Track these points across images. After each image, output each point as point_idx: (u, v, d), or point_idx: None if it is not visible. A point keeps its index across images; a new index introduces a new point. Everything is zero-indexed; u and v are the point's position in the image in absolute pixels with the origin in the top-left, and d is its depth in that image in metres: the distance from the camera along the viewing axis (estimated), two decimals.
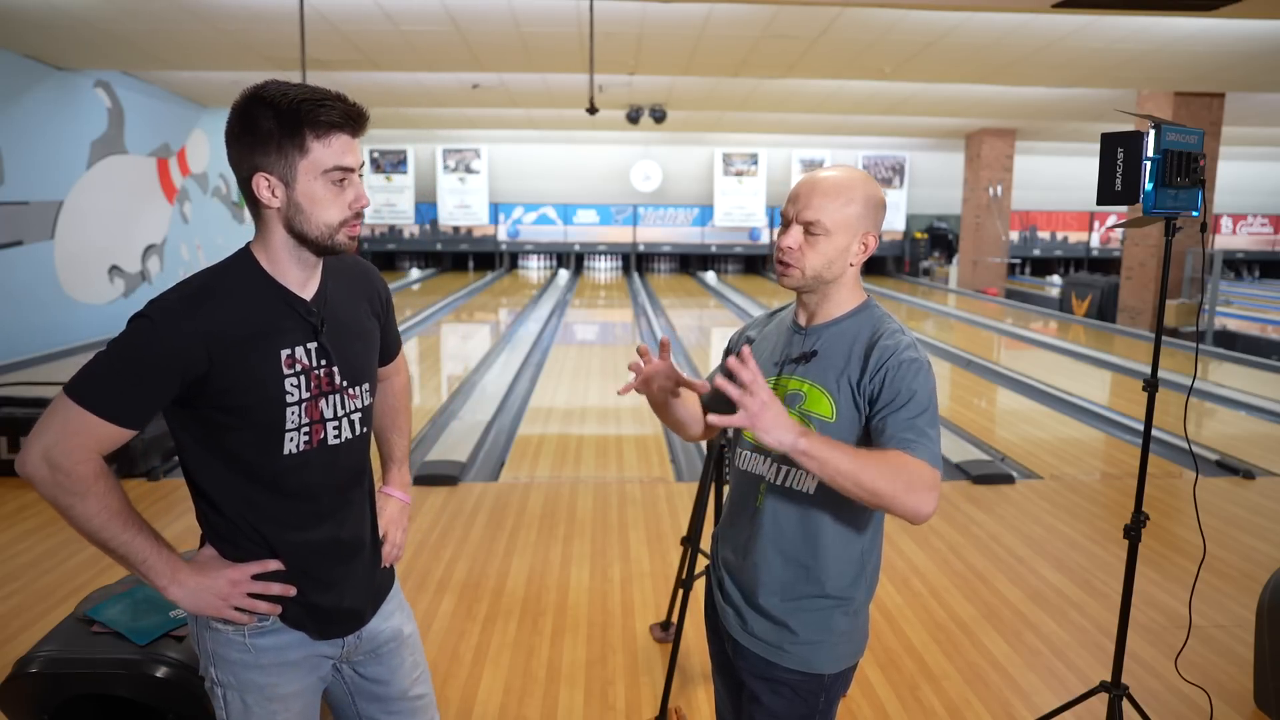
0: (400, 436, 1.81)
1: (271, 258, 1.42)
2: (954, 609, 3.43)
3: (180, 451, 1.45)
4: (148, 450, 4.90)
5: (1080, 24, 7.12)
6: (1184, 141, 2.14)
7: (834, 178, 1.56)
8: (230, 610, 1.43)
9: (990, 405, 7.50)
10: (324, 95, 1.35)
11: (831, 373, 1.55)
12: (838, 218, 1.53)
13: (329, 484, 1.49)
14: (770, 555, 1.58)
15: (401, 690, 1.64)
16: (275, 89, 1.34)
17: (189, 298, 1.35)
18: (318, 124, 1.33)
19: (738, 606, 1.64)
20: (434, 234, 18.87)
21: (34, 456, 1.31)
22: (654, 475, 5.09)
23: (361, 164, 1.42)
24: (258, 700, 1.49)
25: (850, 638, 1.59)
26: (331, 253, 1.43)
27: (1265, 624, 2.68)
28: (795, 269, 1.56)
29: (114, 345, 1.33)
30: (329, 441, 1.47)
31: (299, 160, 1.34)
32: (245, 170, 1.37)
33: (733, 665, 1.68)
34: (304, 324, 1.43)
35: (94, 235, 9.32)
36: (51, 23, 7.10)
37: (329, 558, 1.51)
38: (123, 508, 1.36)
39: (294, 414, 1.42)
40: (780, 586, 1.57)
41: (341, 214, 1.39)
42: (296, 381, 1.42)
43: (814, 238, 1.54)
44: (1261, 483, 5.05)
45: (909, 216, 19.13)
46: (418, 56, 8.64)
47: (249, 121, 1.34)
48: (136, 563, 1.39)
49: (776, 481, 1.58)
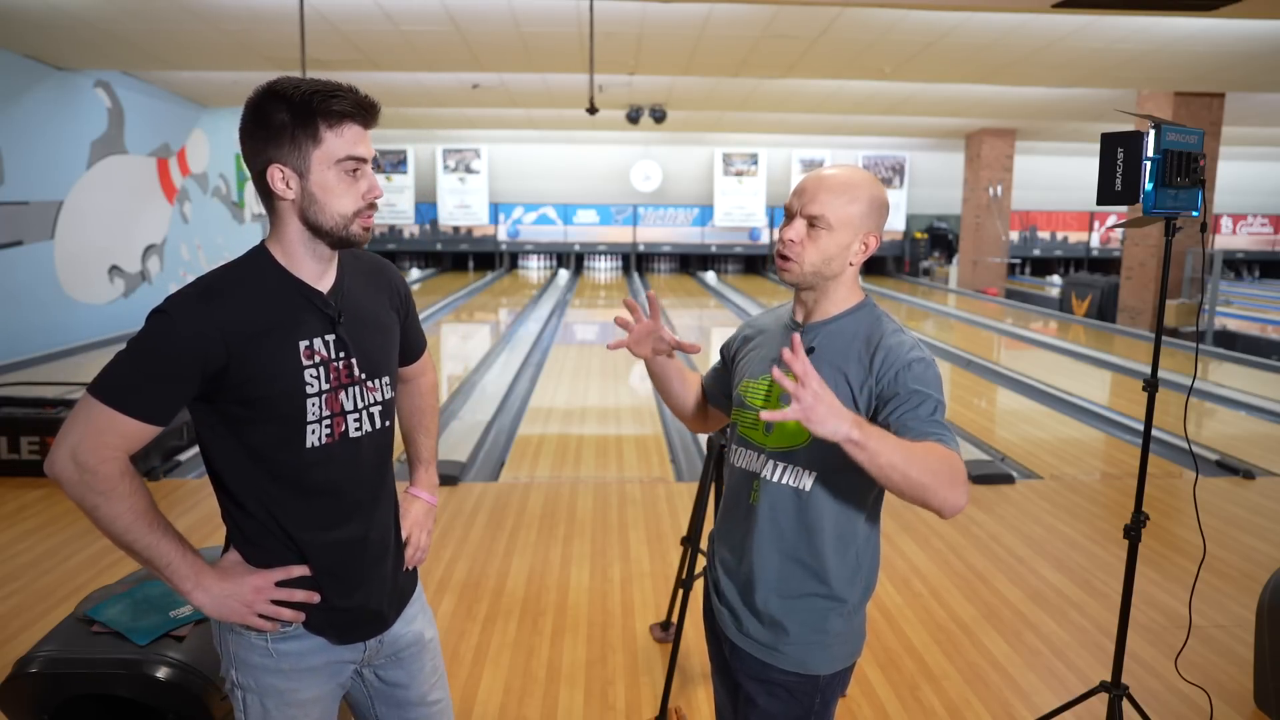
0: (427, 437, 1.80)
1: (287, 252, 1.43)
2: (954, 609, 3.43)
3: (205, 451, 1.45)
4: (148, 450, 4.89)
5: (1080, 24, 7.12)
6: (1184, 141, 2.14)
7: (841, 175, 1.57)
8: (254, 618, 1.42)
9: (990, 405, 7.50)
10: (336, 87, 1.36)
11: (828, 370, 1.53)
12: (842, 214, 1.54)
13: (353, 479, 1.49)
14: (767, 553, 1.57)
15: (420, 695, 1.64)
16: (288, 83, 1.36)
17: (205, 292, 1.36)
18: (330, 114, 1.35)
19: (733, 607, 1.63)
20: (434, 234, 18.87)
21: (62, 457, 1.31)
22: (654, 475, 5.09)
23: (374, 155, 1.43)
24: (277, 705, 1.49)
25: (846, 639, 1.59)
26: (346, 244, 1.43)
27: (1265, 624, 2.68)
28: (794, 263, 1.56)
29: (134, 343, 1.34)
30: (350, 434, 1.47)
31: (312, 150, 1.36)
32: (260, 164, 1.38)
33: (730, 667, 1.68)
34: (321, 316, 1.44)
35: (94, 235, 9.32)
36: (51, 23, 7.10)
37: (354, 558, 1.51)
38: (148, 509, 1.36)
39: (314, 406, 1.42)
40: (777, 584, 1.57)
41: (355, 204, 1.40)
42: (316, 373, 1.42)
43: (816, 231, 1.54)
44: (1261, 483, 5.05)
45: (909, 216, 19.14)
46: (418, 56, 8.64)
47: (262, 116, 1.36)
48: (161, 566, 1.38)
49: (772, 479, 1.58)
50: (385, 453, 1.56)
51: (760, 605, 1.58)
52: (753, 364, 1.67)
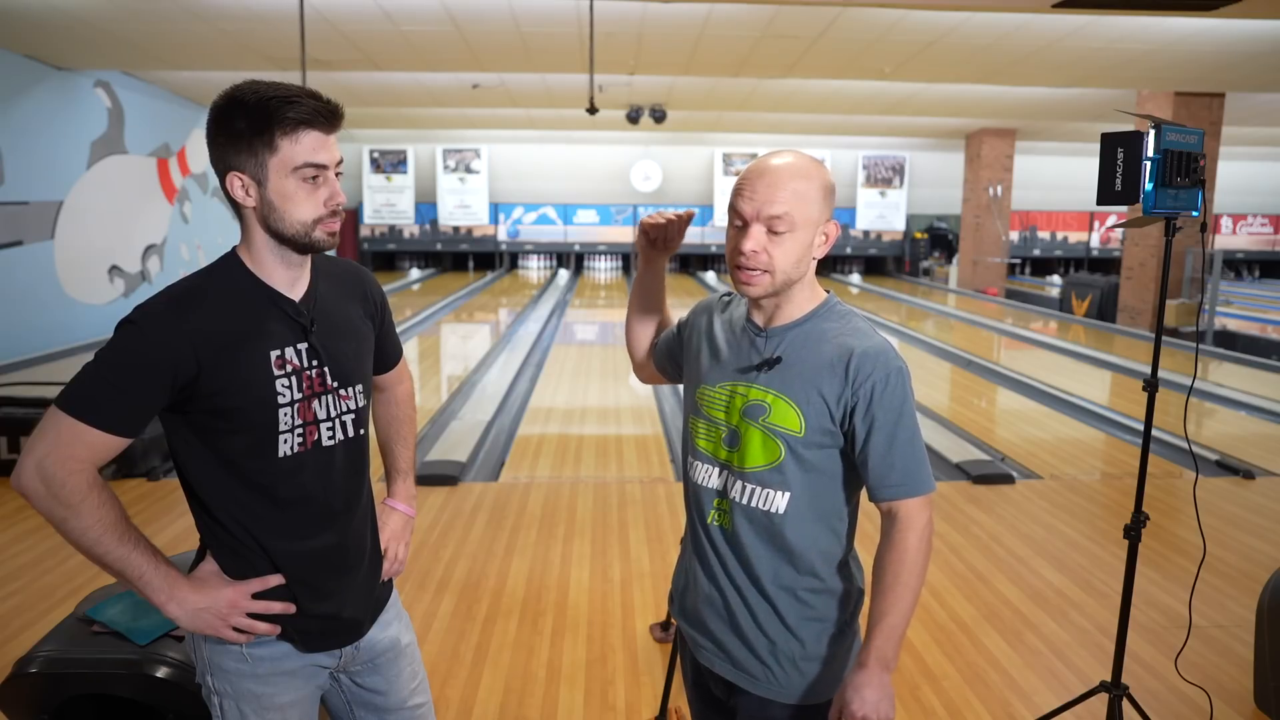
0: (404, 448, 1.78)
1: (256, 258, 1.42)
2: (954, 609, 3.43)
3: (177, 461, 1.44)
4: (147, 450, 4.90)
5: (1080, 24, 7.12)
6: (1184, 141, 2.14)
7: (790, 165, 1.40)
8: (229, 630, 1.41)
9: (990, 405, 7.50)
10: (293, 92, 1.34)
11: (799, 383, 1.42)
12: (803, 210, 1.38)
13: (327, 488, 1.48)
14: (746, 582, 1.48)
15: (400, 700, 1.63)
16: (248, 88, 1.34)
17: (175, 301, 1.35)
18: (285, 121, 1.32)
19: (720, 640, 1.52)
20: (434, 234, 18.86)
21: (28, 470, 1.29)
22: (654, 475, 5.09)
23: (339, 161, 1.39)
24: (254, 709, 1.48)
25: (844, 658, 1.50)
26: (312, 250, 1.41)
27: (1265, 624, 2.68)
28: (764, 275, 1.40)
29: (101, 353, 1.32)
30: (323, 443, 1.46)
31: (269, 159, 1.34)
32: (221, 170, 1.37)
33: (719, 700, 1.59)
34: (293, 324, 1.43)
35: (94, 235, 9.31)
36: (51, 23, 7.10)
37: (329, 567, 1.50)
38: (118, 520, 1.34)
39: (286, 415, 1.41)
40: (764, 614, 1.47)
41: (315, 211, 1.38)
42: (288, 383, 1.41)
43: (779, 236, 1.38)
44: (1261, 483, 5.05)
45: (909, 216, 19.14)
46: (418, 56, 8.64)
47: (223, 122, 1.34)
48: (134, 578, 1.36)
49: (742, 500, 1.46)
50: (360, 461, 1.55)
51: (757, 640, 1.48)
52: (711, 370, 1.54)
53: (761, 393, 1.44)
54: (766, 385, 1.44)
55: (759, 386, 1.45)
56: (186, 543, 3.54)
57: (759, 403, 1.44)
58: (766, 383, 1.45)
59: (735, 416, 1.47)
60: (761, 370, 1.45)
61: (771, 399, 1.43)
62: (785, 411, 1.42)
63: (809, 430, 1.42)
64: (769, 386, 1.44)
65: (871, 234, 19.27)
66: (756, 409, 1.44)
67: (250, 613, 1.42)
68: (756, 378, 1.46)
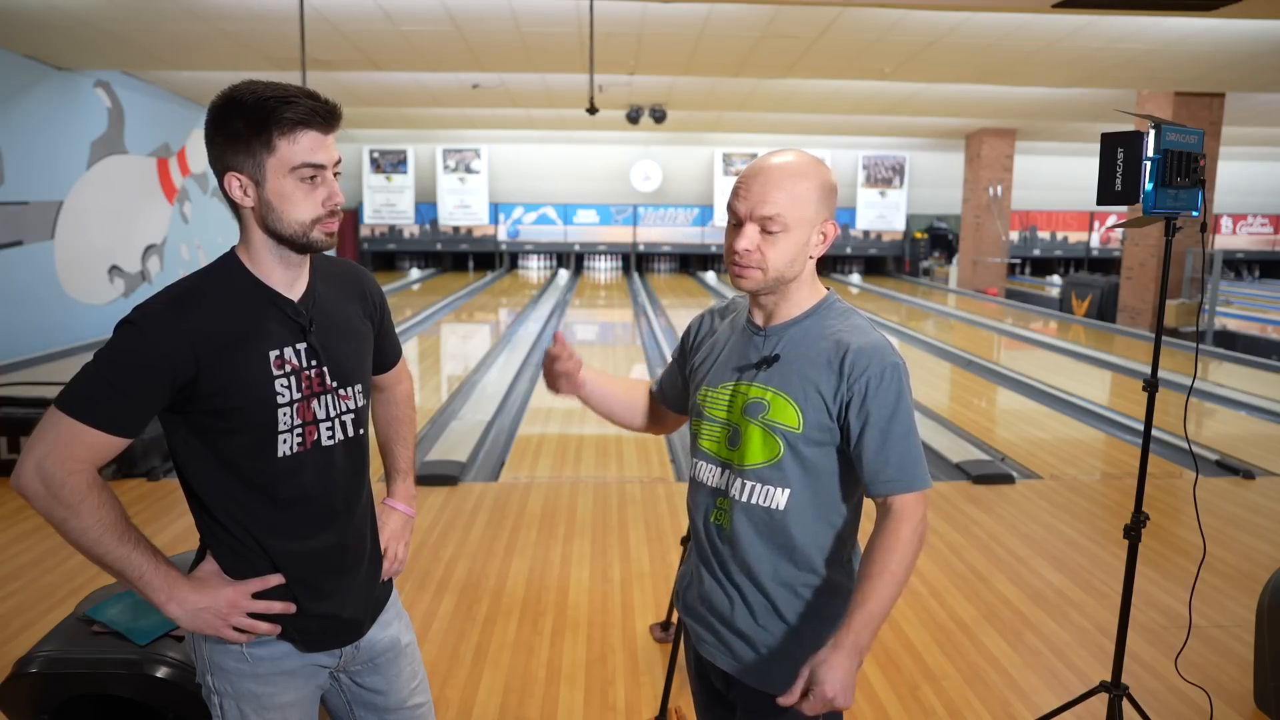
0: (404, 448, 1.78)
1: (255, 259, 1.42)
2: (954, 609, 3.43)
3: (177, 461, 1.44)
4: (147, 450, 4.90)
5: (1080, 24, 7.12)
6: (1184, 141, 2.14)
7: (787, 164, 1.41)
8: (229, 630, 1.41)
9: (990, 405, 7.50)
10: (291, 93, 1.34)
11: (797, 379, 1.43)
12: (797, 210, 1.40)
13: (326, 488, 1.48)
14: (750, 580, 1.49)
15: (400, 700, 1.63)
16: (246, 89, 1.34)
17: (174, 301, 1.35)
18: (283, 121, 1.32)
19: (725, 639, 1.53)
20: (434, 234, 18.87)
21: (27, 471, 1.29)
22: (654, 475, 5.09)
23: (337, 161, 1.40)
24: (255, 709, 1.48)
25: None
26: (310, 250, 1.42)
27: (1265, 624, 2.68)
28: (755, 270, 1.43)
29: (101, 354, 1.32)
30: (322, 443, 1.46)
31: (267, 159, 1.34)
32: (219, 170, 1.37)
33: (727, 699, 1.59)
34: (292, 324, 1.43)
35: (94, 235, 9.32)
36: (51, 23, 7.10)
37: (329, 567, 1.50)
38: (118, 521, 1.34)
39: (285, 415, 1.41)
40: (769, 611, 1.49)
41: (314, 211, 1.38)
42: (287, 383, 1.41)
43: (772, 235, 1.40)
44: (1261, 483, 5.05)
45: (909, 216, 19.14)
46: (418, 56, 8.65)
47: (221, 122, 1.34)
48: (134, 578, 1.36)
49: (743, 498, 1.48)
50: (360, 461, 1.55)
51: (756, 635, 1.49)
52: (713, 371, 1.56)
53: (760, 390, 1.46)
54: (765, 383, 1.46)
55: (758, 384, 1.47)
56: (186, 543, 3.53)
57: (758, 400, 1.46)
58: (765, 380, 1.47)
59: (736, 415, 1.49)
60: (760, 368, 1.47)
61: (770, 396, 1.45)
62: (784, 408, 1.44)
63: (807, 426, 1.43)
64: (767, 384, 1.46)
65: (871, 234, 19.27)
66: (756, 406, 1.46)
67: (250, 612, 1.42)
68: (755, 376, 1.48)
